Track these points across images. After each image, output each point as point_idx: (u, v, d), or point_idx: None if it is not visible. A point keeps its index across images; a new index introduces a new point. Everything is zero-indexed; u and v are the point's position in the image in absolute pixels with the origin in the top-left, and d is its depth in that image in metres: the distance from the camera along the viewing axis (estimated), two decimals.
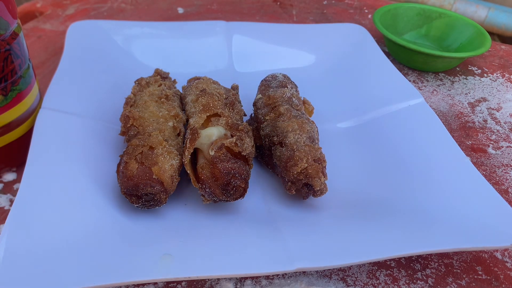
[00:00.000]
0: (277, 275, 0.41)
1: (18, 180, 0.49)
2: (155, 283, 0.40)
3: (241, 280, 0.41)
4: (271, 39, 0.72)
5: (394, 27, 0.79)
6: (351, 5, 0.97)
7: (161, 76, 0.56)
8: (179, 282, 0.41)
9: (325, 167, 0.45)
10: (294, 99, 0.51)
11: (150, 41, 0.69)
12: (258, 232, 0.42)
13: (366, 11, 0.95)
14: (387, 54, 0.74)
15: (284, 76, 0.56)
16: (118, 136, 0.51)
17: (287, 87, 0.53)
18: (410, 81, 0.70)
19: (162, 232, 0.42)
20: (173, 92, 0.53)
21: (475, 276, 0.42)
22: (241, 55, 0.69)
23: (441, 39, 0.79)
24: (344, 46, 0.70)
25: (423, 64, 0.72)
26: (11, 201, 0.47)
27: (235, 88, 0.54)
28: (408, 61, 0.74)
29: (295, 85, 0.57)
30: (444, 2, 1.29)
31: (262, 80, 0.57)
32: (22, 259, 0.36)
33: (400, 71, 0.68)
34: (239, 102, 0.52)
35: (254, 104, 0.54)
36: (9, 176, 0.50)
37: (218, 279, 0.41)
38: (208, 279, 0.41)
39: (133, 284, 0.39)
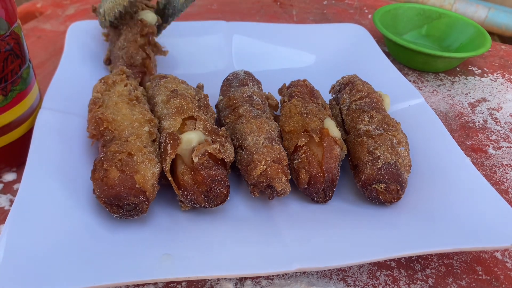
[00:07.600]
0: (277, 275, 0.41)
1: (18, 180, 0.49)
2: (155, 283, 0.40)
3: (241, 280, 0.41)
4: (271, 39, 0.72)
5: (394, 27, 0.79)
6: (351, 5, 0.97)
7: (126, 74, 0.54)
8: (179, 282, 0.40)
9: (286, 165, 0.44)
10: (255, 97, 0.51)
11: None
12: (258, 232, 0.42)
13: (366, 11, 0.95)
14: (387, 54, 0.73)
15: (246, 73, 0.56)
16: None
17: (248, 85, 0.52)
18: (410, 81, 0.70)
19: (162, 233, 0.42)
20: (141, 92, 0.52)
21: (475, 276, 0.42)
22: (241, 55, 0.69)
23: (441, 39, 0.79)
24: (344, 46, 0.70)
25: (423, 64, 0.72)
26: (11, 201, 0.47)
27: (201, 87, 0.53)
28: (408, 61, 0.74)
29: (258, 81, 0.56)
30: (444, 2, 1.29)
31: (224, 80, 0.56)
32: (22, 259, 0.36)
33: (400, 71, 0.68)
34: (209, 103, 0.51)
35: (216, 107, 0.53)
36: (9, 176, 0.50)
37: (218, 279, 0.41)
38: (208, 279, 0.41)
39: (133, 284, 0.39)
